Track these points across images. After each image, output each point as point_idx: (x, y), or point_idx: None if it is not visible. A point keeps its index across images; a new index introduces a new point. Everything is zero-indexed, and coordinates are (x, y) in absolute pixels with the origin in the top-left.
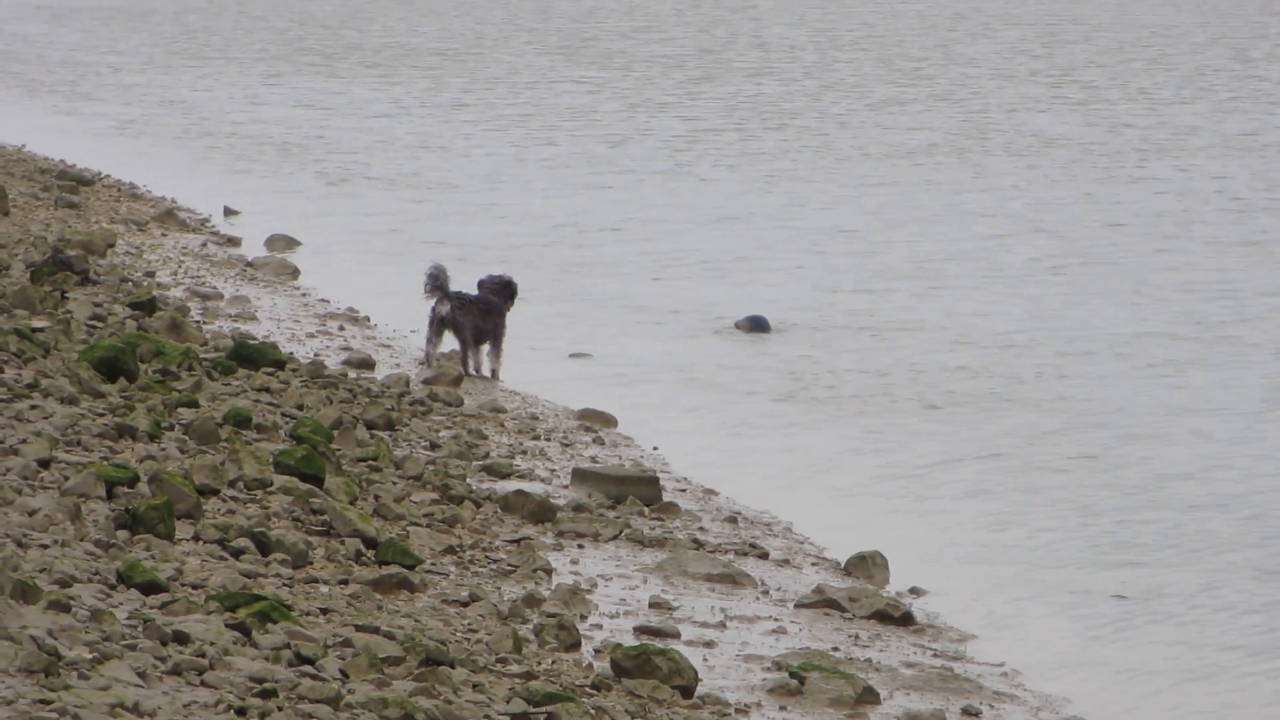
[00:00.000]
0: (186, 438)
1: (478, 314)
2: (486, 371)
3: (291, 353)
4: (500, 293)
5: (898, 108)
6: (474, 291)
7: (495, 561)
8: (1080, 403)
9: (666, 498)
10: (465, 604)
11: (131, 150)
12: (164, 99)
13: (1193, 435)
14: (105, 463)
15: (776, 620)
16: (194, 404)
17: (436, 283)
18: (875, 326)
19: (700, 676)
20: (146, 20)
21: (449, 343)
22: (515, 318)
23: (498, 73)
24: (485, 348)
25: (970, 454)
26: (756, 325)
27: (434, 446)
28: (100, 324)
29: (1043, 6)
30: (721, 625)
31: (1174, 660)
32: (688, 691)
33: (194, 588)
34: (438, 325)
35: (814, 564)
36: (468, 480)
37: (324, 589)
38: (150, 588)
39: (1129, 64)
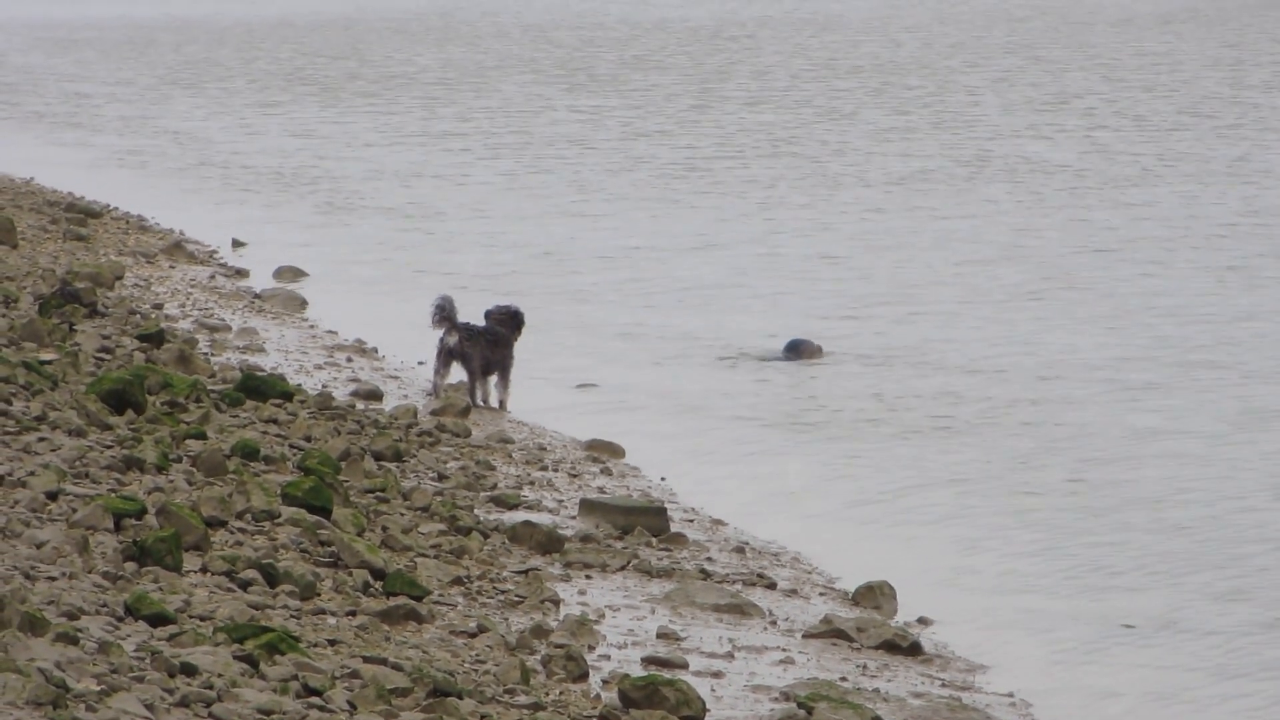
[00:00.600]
0: (194, 469)
1: (485, 345)
2: (494, 403)
3: (299, 384)
4: (507, 323)
5: (896, 135)
6: (481, 322)
7: (503, 592)
8: (1091, 431)
9: (674, 528)
10: (473, 635)
11: (137, 181)
12: (167, 129)
13: (1196, 461)
14: (113, 495)
15: (784, 650)
16: (202, 436)
17: (444, 314)
18: (872, 353)
19: (708, 707)
20: (147, 50)
21: (456, 374)
22: (521, 348)
23: (496, 101)
24: (493, 379)
25: (978, 482)
26: (796, 350)
27: (442, 477)
28: (108, 356)
29: (1041, 34)
30: (729, 655)
31: (1185, 689)
32: None
33: (202, 619)
34: (445, 356)
35: (822, 594)
36: (475, 511)
37: (331, 620)
38: (158, 620)
39: (1126, 90)
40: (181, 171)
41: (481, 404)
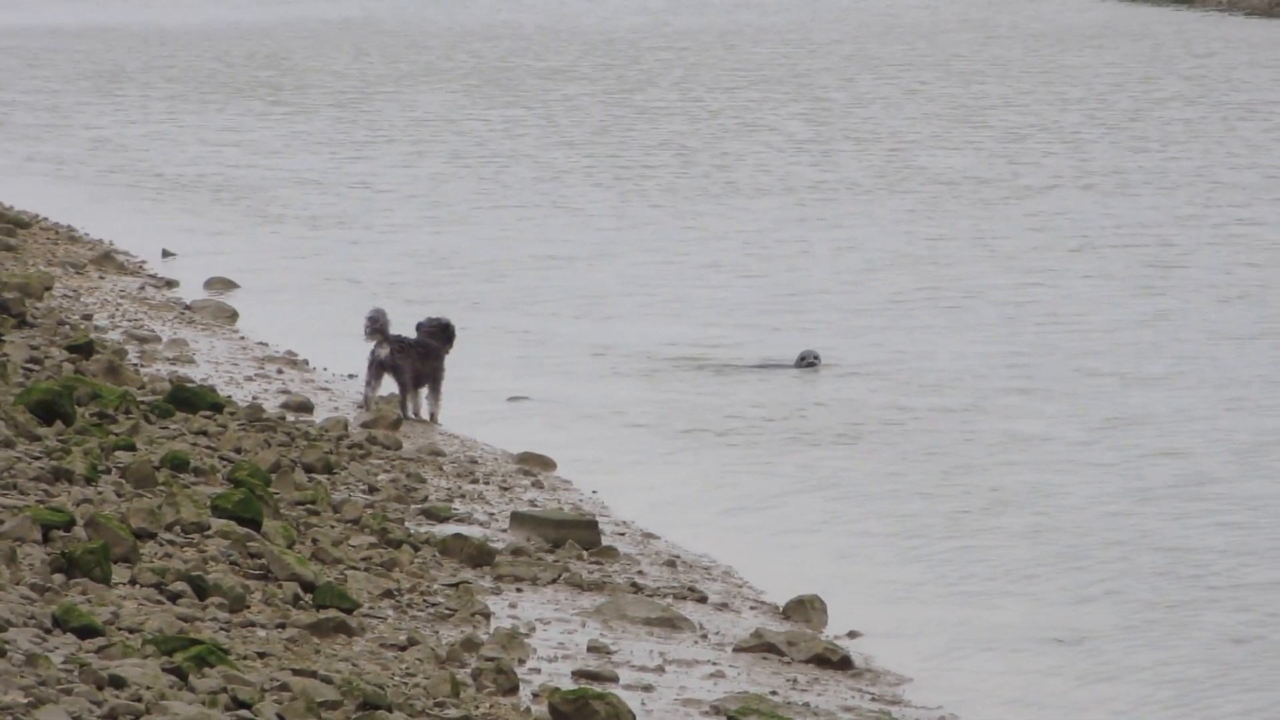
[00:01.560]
0: (123, 481)
1: (416, 358)
2: (425, 415)
3: (229, 396)
4: (438, 335)
5: (809, 145)
6: (412, 334)
7: (433, 605)
8: (1013, 443)
9: (605, 541)
10: (403, 648)
11: (60, 190)
12: (89, 137)
13: (1119, 476)
14: (41, 506)
15: (715, 664)
16: (131, 447)
17: (376, 326)
18: (786, 362)
19: None
20: (66, 57)
21: (388, 386)
22: (451, 360)
23: (421, 112)
24: (424, 391)
25: (906, 495)
26: (812, 361)
27: (372, 490)
28: (37, 367)
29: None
30: (660, 669)
31: (1109, 702)
32: None
33: (130, 631)
34: (377, 369)
35: (753, 607)
36: (406, 524)
37: (261, 633)
38: (86, 632)
39: (1045, 104)
40: (106, 180)
41: (412, 416)
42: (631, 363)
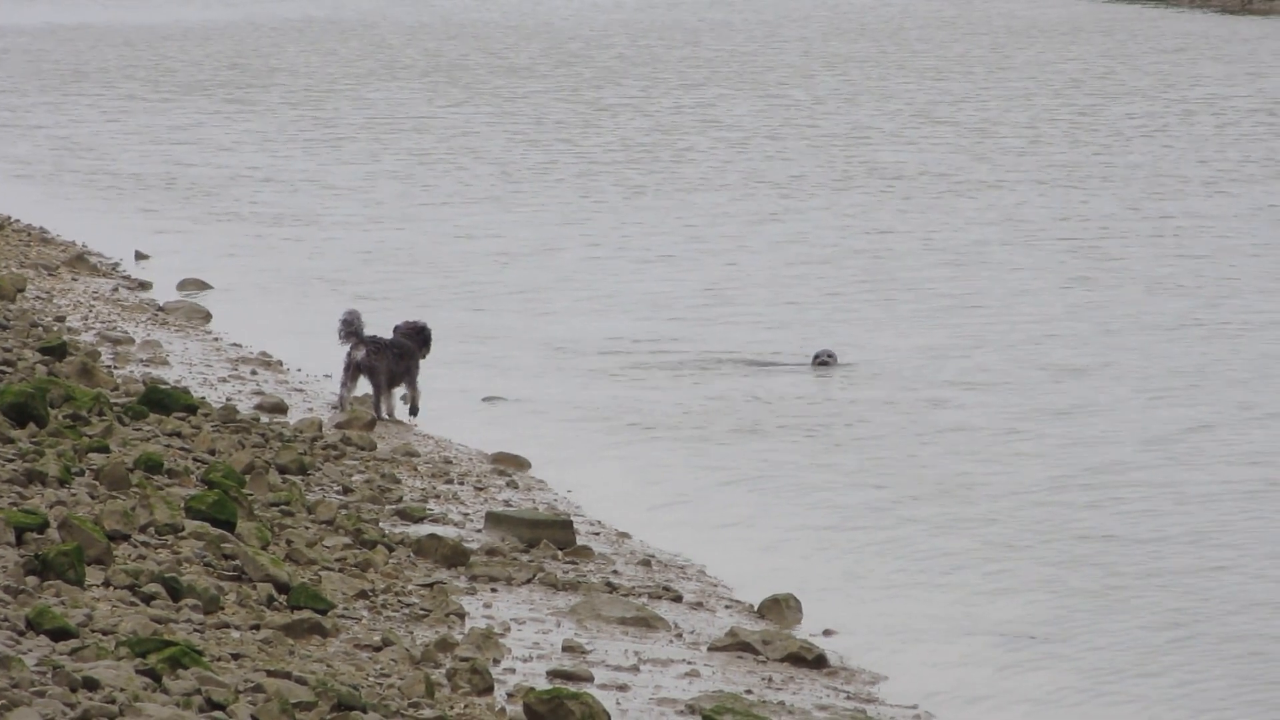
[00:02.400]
0: (97, 483)
1: (392, 359)
2: (400, 415)
3: (203, 397)
4: (414, 337)
5: (762, 139)
6: (388, 334)
7: (408, 606)
8: (980, 438)
9: (580, 541)
10: (378, 648)
11: (30, 191)
12: (55, 137)
13: (1088, 471)
14: (14, 508)
15: (690, 663)
16: (105, 449)
17: (351, 328)
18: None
19: None
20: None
21: (363, 387)
22: (424, 360)
23: (379, 109)
24: (399, 391)
25: (880, 493)
26: (825, 360)
27: (347, 490)
28: (10, 369)
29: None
30: (635, 668)
31: (1081, 699)
32: None
33: (104, 633)
34: (353, 370)
35: (727, 607)
36: (380, 524)
37: (235, 634)
38: (60, 634)
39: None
40: (73, 180)
41: (386, 417)
42: (603, 360)
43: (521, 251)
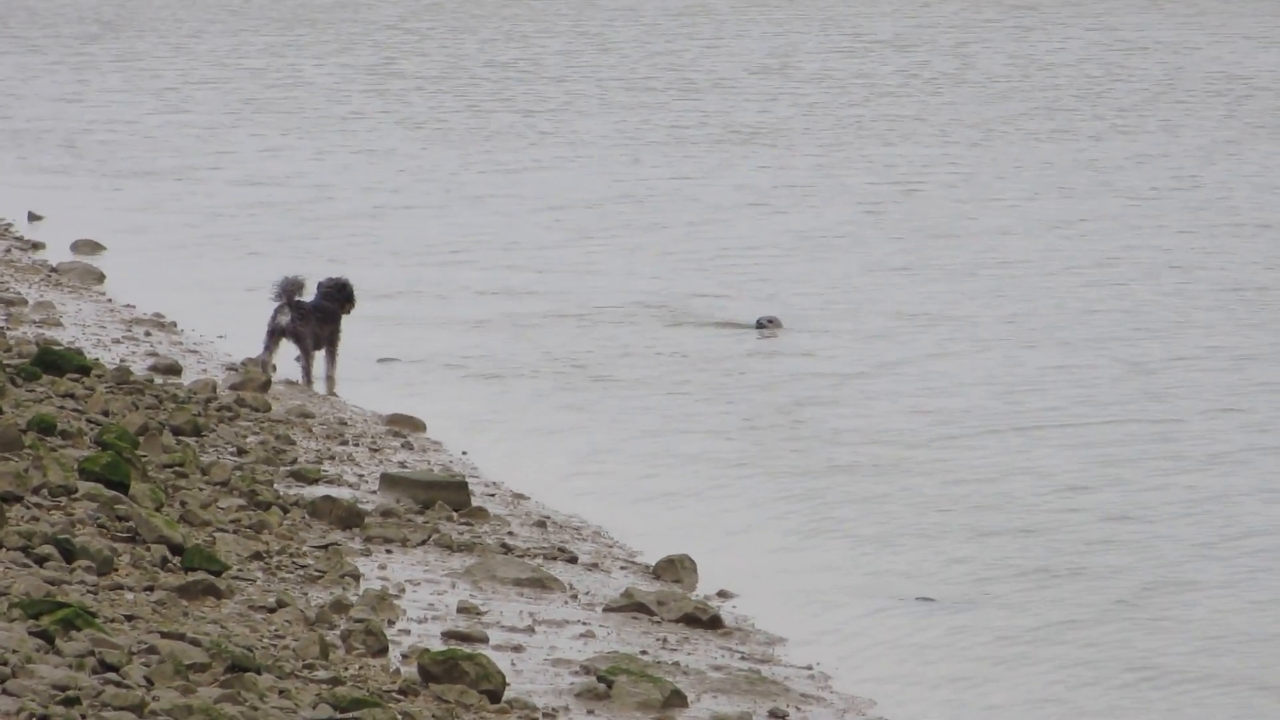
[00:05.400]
0: None
1: (316, 322)
2: (321, 383)
3: (97, 359)
4: (334, 296)
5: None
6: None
7: (303, 567)
8: (876, 405)
9: (475, 502)
10: (272, 610)
11: None
12: None
13: (988, 432)
14: None
15: (585, 624)
16: None
17: (287, 292)
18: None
19: (508, 681)
20: None
21: (285, 350)
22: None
23: (272, 62)
24: (319, 354)
25: (776, 456)
26: (770, 323)
27: (241, 452)
28: None
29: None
30: (530, 629)
31: (978, 661)
32: (495, 696)
33: None
34: (277, 335)
35: (623, 568)
36: (275, 486)
37: (129, 596)
38: None
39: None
40: None
41: (311, 383)
42: (501, 321)
43: (418, 205)
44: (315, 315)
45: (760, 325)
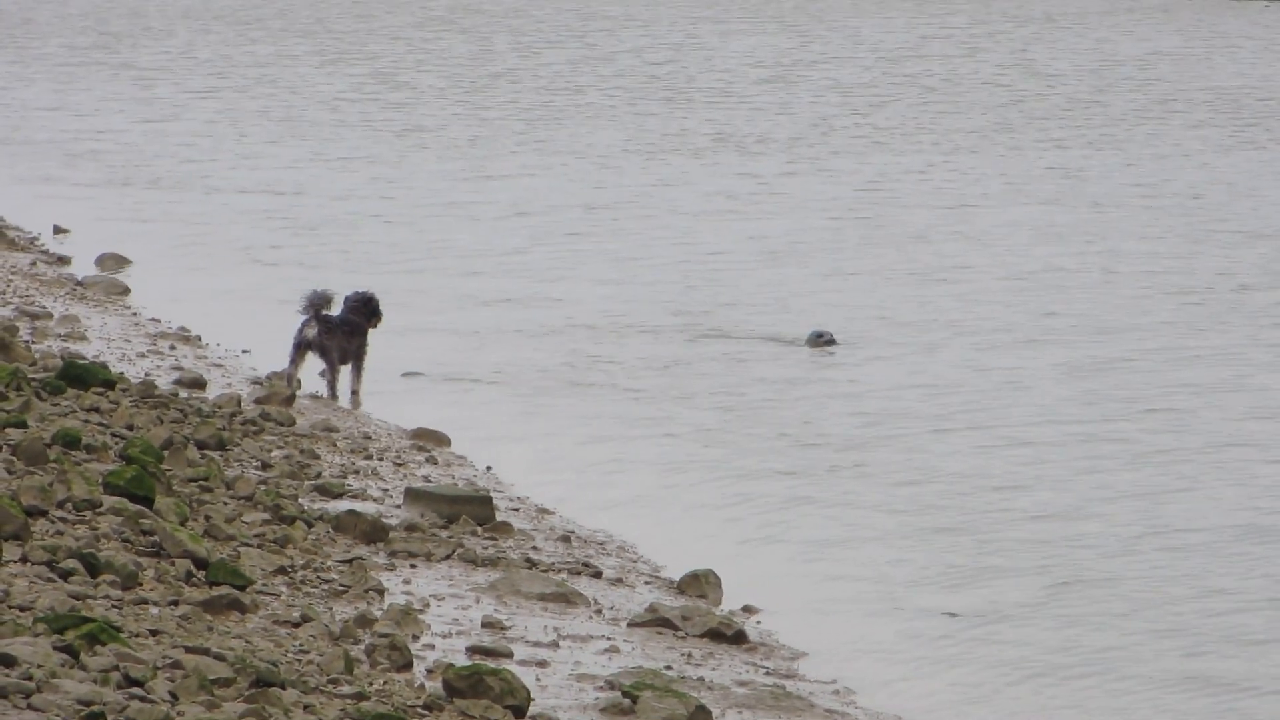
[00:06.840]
0: (14, 458)
1: (343, 336)
2: (347, 398)
3: (122, 372)
4: (361, 310)
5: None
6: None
7: (327, 582)
8: (908, 418)
9: (500, 517)
10: (296, 625)
11: None
12: None
13: (1013, 449)
14: None
15: (609, 639)
16: (22, 424)
17: (314, 306)
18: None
19: (533, 696)
20: None
21: (311, 365)
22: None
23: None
24: (347, 368)
25: (801, 472)
26: (823, 339)
27: (266, 466)
28: None
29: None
30: (554, 645)
31: (1003, 675)
32: (520, 711)
33: (21, 609)
34: (303, 348)
35: (647, 582)
36: (300, 500)
37: (154, 610)
38: None
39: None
40: None
41: (338, 397)
42: (527, 335)
43: (441, 215)
44: (342, 329)
45: (818, 340)
